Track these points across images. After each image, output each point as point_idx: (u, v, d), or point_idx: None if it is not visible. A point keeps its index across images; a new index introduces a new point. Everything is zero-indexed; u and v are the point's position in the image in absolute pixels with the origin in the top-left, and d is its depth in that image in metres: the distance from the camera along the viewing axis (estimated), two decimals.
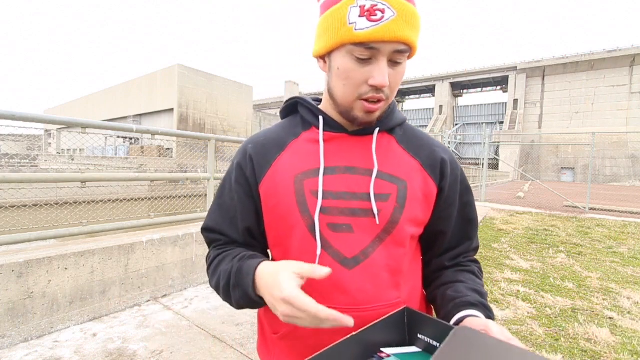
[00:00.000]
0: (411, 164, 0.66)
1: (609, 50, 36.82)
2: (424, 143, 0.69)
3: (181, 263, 3.04)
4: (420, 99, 56.55)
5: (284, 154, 0.66)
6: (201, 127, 24.15)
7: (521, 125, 40.66)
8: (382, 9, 0.52)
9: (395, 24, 0.52)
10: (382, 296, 0.61)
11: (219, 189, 0.74)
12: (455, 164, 0.70)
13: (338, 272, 0.59)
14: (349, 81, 0.58)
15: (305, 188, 0.62)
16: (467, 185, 0.72)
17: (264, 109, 54.86)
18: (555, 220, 7.41)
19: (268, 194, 0.65)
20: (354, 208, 0.61)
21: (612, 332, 2.42)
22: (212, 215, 0.72)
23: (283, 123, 0.73)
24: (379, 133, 0.66)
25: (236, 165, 0.70)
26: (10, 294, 2.00)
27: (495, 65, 44.44)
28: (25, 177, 2.34)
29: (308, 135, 0.67)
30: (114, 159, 15.84)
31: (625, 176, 35.17)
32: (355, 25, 0.53)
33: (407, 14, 0.53)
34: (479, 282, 0.68)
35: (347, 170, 0.63)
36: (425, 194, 0.65)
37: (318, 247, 0.60)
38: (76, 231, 2.50)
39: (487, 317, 0.58)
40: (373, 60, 0.55)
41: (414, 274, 0.69)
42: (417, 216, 0.64)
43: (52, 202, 3.00)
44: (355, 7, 0.53)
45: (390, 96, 0.60)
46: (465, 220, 0.71)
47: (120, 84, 28.94)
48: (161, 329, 2.31)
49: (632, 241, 5.44)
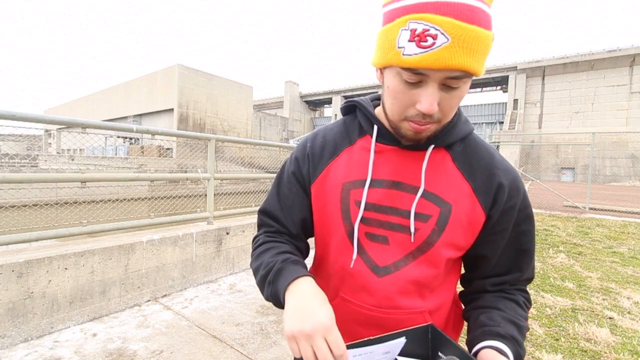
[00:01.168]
0: (462, 186, 0.63)
1: (609, 50, 36.81)
2: (483, 163, 0.64)
3: (181, 263, 3.04)
4: None
5: (338, 160, 0.69)
6: (201, 127, 24.16)
7: (521, 125, 40.65)
8: (435, 35, 0.47)
9: (447, 52, 0.47)
10: (405, 304, 0.63)
11: (276, 178, 0.77)
12: (516, 189, 0.64)
13: (368, 277, 0.64)
14: (396, 101, 0.56)
15: (350, 197, 0.65)
16: (527, 214, 0.66)
17: (264, 109, 54.86)
18: (555, 220, 7.41)
19: (317, 196, 0.69)
20: (393, 223, 0.63)
21: (612, 332, 2.41)
22: (271, 200, 0.75)
23: (341, 123, 0.74)
24: (434, 149, 0.64)
25: (294, 159, 0.73)
26: (10, 294, 2.00)
27: (495, 65, 44.39)
28: (25, 177, 2.34)
29: (362, 143, 0.68)
30: (114, 159, 15.84)
31: (626, 176, 35.15)
32: (403, 50, 0.50)
33: (466, 38, 0.47)
34: (521, 313, 0.64)
35: (393, 185, 0.64)
36: (471, 220, 0.63)
37: (354, 252, 0.64)
38: (76, 231, 2.50)
39: (516, 353, 0.55)
40: (423, 84, 0.52)
41: (444, 288, 0.68)
42: (456, 241, 0.63)
43: (52, 202, 2.99)
44: (406, 30, 0.49)
45: (443, 119, 0.57)
46: (518, 250, 0.66)
47: (120, 84, 28.94)
48: (161, 329, 2.31)
49: (632, 241, 5.44)
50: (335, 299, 0.67)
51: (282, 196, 0.73)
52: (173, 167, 13.85)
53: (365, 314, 0.64)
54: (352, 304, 0.65)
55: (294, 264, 0.62)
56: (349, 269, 0.65)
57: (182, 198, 3.94)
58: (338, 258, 0.67)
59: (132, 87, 27.24)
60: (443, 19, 0.47)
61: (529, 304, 0.68)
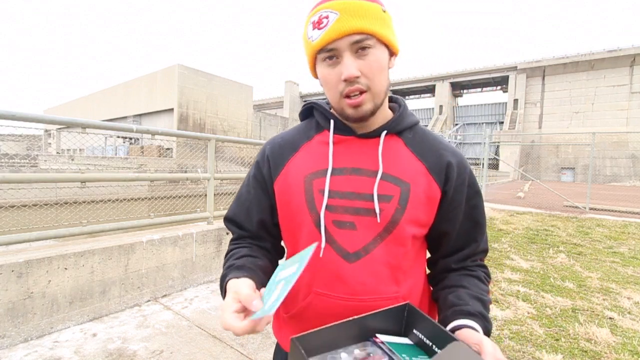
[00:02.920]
0: (416, 166, 0.68)
1: (609, 50, 36.79)
2: (433, 146, 0.71)
3: (181, 263, 3.04)
4: (420, 99, 56.50)
5: (297, 155, 0.72)
6: (201, 127, 24.14)
7: (521, 125, 40.64)
8: (327, 15, 0.59)
9: (339, 22, 0.58)
10: (380, 290, 0.65)
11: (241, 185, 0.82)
12: (464, 167, 0.71)
13: (340, 264, 0.65)
14: (329, 84, 0.64)
15: (314, 187, 0.67)
16: (476, 189, 0.73)
17: (264, 109, 54.86)
18: (555, 220, 7.40)
19: (281, 192, 0.71)
20: (357, 207, 0.65)
21: (612, 332, 2.41)
22: (232, 206, 0.80)
23: (300, 125, 0.79)
24: (386, 135, 0.69)
25: (255, 163, 0.78)
26: (10, 294, 2.00)
27: (495, 65, 44.37)
28: (25, 177, 2.34)
29: (320, 137, 0.72)
30: (114, 159, 15.84)
31: (626, 176, 35.14)
32: (312, 39, 0.62)
33: (351, 8, 0.59)
34: (484, 288, 0.69)
35: (353, 171, 0.67)
36: (429, 196, 0.67)
37: (322, 241, 0.65)
38: (76, 231, 2.50)
39: (484, 327, 0.60)
40: (339, 59, 0.61)
41: (415, 271, 0.72)
42: (418, 218, 0.67)
43: (52, 202, 2.99)
44: (309, 25, 0.62)
45: (372, 86, 0.62)
46: (472, 222, 0.73)
47: (120, 84, 28.93)
48: (161, 329, 2.31)
49: (633, 241, 5.44)
50: (308, 295, 0.68)
51: (241, 199, 0.78)
52: (173, 167, 13.84)
53: (340, 304, 0.65)
54: (327, 297, 0.66)
55: (237, 269, 0.65)
56: (319, 259, 0.66)
57: (182, 198, 3.93)
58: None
59: (132, 87, 27.22)
60: (331, 2, 0.60)
61: (489, 278, 0.74)
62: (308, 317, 0.68)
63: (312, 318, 0.67)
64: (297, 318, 0.71)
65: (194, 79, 23.89)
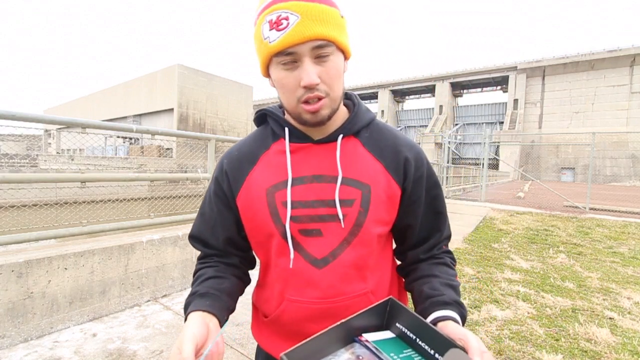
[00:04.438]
0: (375, 167, 0.69)
1: (609, 50, 36.79)
2: (389, 143, 0.71)
3: (181, 263, 3.04)
4: (420, 99, 56.50)
5: (256, 168, 0.71)
6: (201, 127, 24.15)
7: (521, 125, 40.64)
8: (287, 17, 0.56)
9: (300, 26, 0.56)
10: (349, 290, 0.67)
11: (202, 201, 0.80)
12: (421, 161, 0.72)
13: (309, 271, 0.66)
14: (285, 89, 0.62)
15: (276, 200, 0.67)
16: (434, 180, 0.74)
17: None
18: (555, 220, 7.40)
19: (244, 207, 0.70)
20: (322, 214, 0.66)
21: (612, 332, 2.41)
22: (196, 224, 0.79)
23: (255, 133, 0.77)
24: (343, 138, 0.69)
25: (214, 179, 0.76)
26: (10, 294, 2.00)
27: (495, 65, 44.38)
28: (25, 177, 2.34)
29: (277, 147, 0.71)
30: (113, 159, 15.84)
31: (626, 176, 35.15)
32: (268, 40, 0.58)
33: (313, 12, 0.56)
34: (452, 273, 0.72)
35: (314, 179, 0.67)
36: (389, 195, 0.69)
37: (291, 251, 0.66)
38: (76, 231, 2.50)
39: (461, 314, 0.63)
40: (299, 63, 0.59)
41: (381, 265, 0.74)
42: (382, 217, 0.68)
43: (52, 202, 2.99)
44: (265, 24, 0.58)
45: (330, 92, 0.61)
46: (434, 213, 0.74)
47: (120, 84, 28.94)
48: (161, 329, 2.31)
49: (633, 241, 5.44)
50: (282, 302, 0.69)
51: (205, 217, 0.76)
52: (173, 167, 13.84)
53: (312, 308, 0.66)
54: (299, 303, 0.67)
55: (200, 296, 0.66)
56: (289, 269, 0.67)
57: (182, 198, 3.94)
58: (278, 262, 0.69)
59: (132, 87, 27.23)
60: (289, 3, 0.56)
61: (455, 262, 0.76)
62: (284, 322, 0.70)
63: (288, 323, 0.69)
64: (275, 322, 0.72)
65: (194, 79, 23.89)
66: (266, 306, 0.74)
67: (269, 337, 0.75)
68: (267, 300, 0.75)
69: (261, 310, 0.77)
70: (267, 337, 0.75)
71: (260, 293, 0.78)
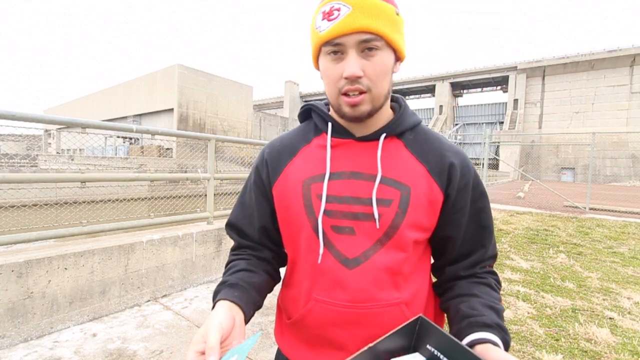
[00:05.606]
0: (417, 169, 0.66)
1: (610, 50, 36.78)
2: (434, 147, 0.68)
3: (181, 263, 3.04)
4: (420, 99, 56.48)
5: (295, 160, 0.71)
6: (201, 127, 24.15)
7: (521, 125, 40.63)
8: (339, 8, 0.57)
9: (351, 17, 0.56)
10: (380, 296, 0.63)
11: (242, 188, 0.81)
12: (467, 168, 0.68)
13: (339, 270, 0.63)
14: (329, 79, 0.62)
15: (312, 192, 0.66)
16: (481, 191, 0.70)
17: (264, 109, 54.88)
18: (555, 220, 7.40)
19: (280, 197, 0.70)
20: (356, 212, 0.63)
21: (612, 332, 2.41)
22: (234, 211, 0.79)
23: (299, 128, 0.77)
24: (386, 138, 0.67)
25: (254, 168, 0.77)
26: (10, 294, 2.00)
27: (495, 65, 44.36)
28: (25, 177, 2.34)
29: (318, 141, 0.71)
30: (113, 159, 15.83)
31: (626, 176, 35.14)
32: (319, 29, 0.60)
33: (365, 6, 0.57)
34: (495, 295, 0.66)
35: (352, 175, 0.65)
36: (430, 200, 0.65)
37: (321, 246, 0.64)
38: (76, 231, 2.50)
39: (504, 340, 0.57)
40: (344, 55, 0.59)
41: (418, 276, 0.69)
42: (420, 222, 0.64)
43: (52, 202, 2.99)
44: (319, 14, 0.60)
45: (373, 88, 0.60)
46: (479, 226, 0.69)
47: (120, 84, 28.93)
48: (161, 329, 2.31)
49: (633, 241, 5.44)
50: (309, 302, 0.67)
51: (244, 205, 0.77)
52: (173, 167, 13.84)
53: (340, 312, 0.63)
54: (326, 304, 0.64)
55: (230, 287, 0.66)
56: (317, 265, 0.65)
57: (182, 198, 3.94)
58: (307, 257, 0.67)
59: (132, 87, 27.22)
60: None
61: (500, 285, 0.70)
62: (308, 325, 0.67)
63: (313, 325, 0.67)
64: (299, 325, 0.70)
65: (193, 79, 23.89)
66: (291, 306, 0.72)
67: (291, 342, 0.72)
68: (292, 299, 0.72)
69: (286, 311, 0.75)
70: (289, 342, 0.73)
71: (286, 293, 0.76)
